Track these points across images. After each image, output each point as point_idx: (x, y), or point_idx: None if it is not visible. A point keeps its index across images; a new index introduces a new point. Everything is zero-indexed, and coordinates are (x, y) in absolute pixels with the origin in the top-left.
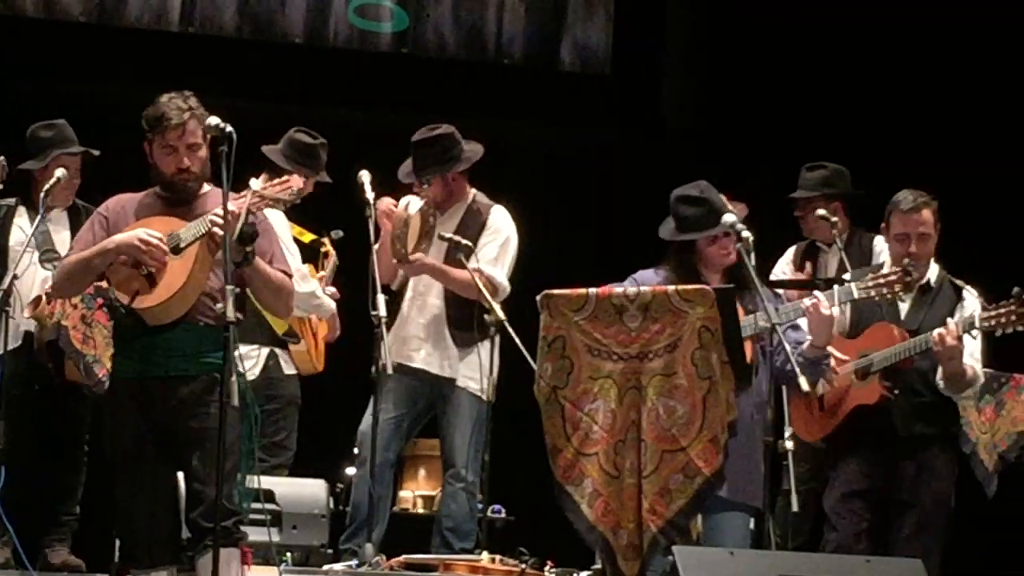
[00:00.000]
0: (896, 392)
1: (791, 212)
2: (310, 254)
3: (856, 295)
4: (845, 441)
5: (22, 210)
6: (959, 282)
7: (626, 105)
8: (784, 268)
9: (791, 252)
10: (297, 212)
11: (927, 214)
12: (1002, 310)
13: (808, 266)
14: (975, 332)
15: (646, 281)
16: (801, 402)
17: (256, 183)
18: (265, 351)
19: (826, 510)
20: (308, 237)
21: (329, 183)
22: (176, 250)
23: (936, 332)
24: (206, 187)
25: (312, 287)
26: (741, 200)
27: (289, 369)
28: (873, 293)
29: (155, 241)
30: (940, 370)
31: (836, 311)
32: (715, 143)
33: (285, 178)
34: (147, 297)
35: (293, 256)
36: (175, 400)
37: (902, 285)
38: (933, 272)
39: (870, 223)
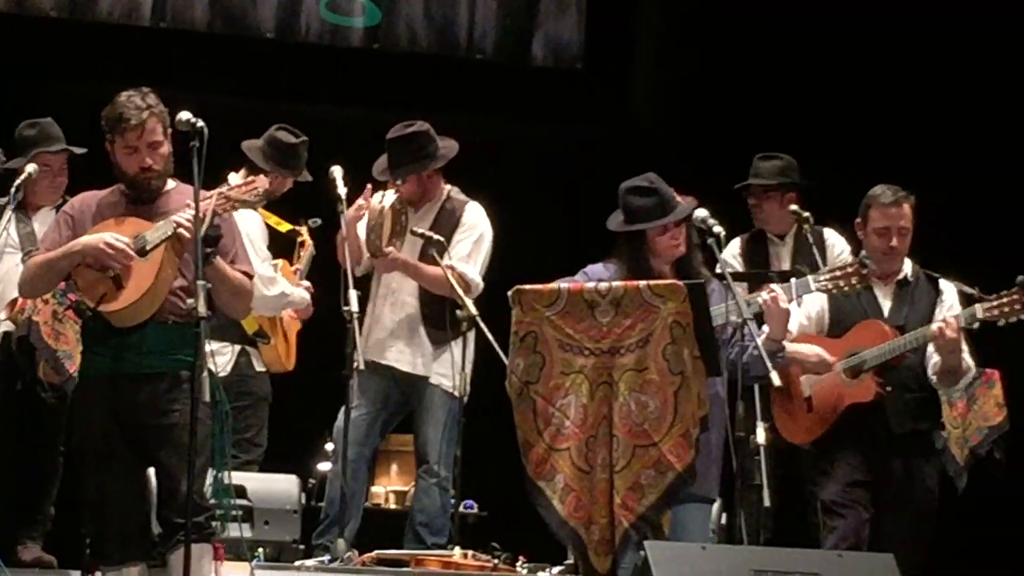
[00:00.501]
0: (888, 389)
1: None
2: (286, 244)
3: (813, 288)
4: (839, 438)
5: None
6: (934, 274)
7: (598, 100)
8: (730, 260)
9: (737, 243)
10: (270, 207)
11: (907, 209)
12: (1004, 300)
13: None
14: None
15: (596, 275)
16: (785, 403)
17: (236, 177)
18: (236, 348)
19: (826, 500)
20: (285, 227)
21: (310, 181)
22: (142, 252)
23: (936, 326)
24: (171, 183)
25: (280, 288)
26: (697, 195)
27: (260, 366)
28: (830, 287)
29: (121, 245)
30: (933, 364)
31: (794, 305)
32: (686, 138)
33: (251, 179)
34: (114, 301)
35: (262, 260)
36: (145, 397)
37: (859, 278)
38: (907, 266)
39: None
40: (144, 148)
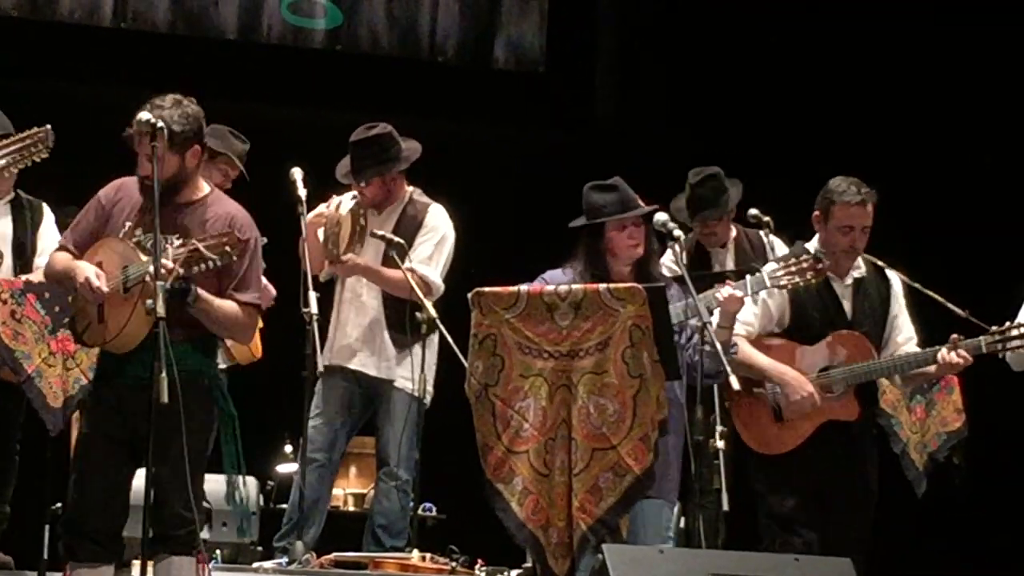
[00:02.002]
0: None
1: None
2: None
3: (768, 284)
4: (805, 450)
5: None
6: (879, 263)
7: (560, 103)
8: (671, 266)
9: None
10: None
11: (871, 208)
12: (1009, 334)
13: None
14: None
15: (556, 280)
16: (746, 409)
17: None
18: None
19: (782, 514)
20: None
21: (246, 179)
22: (127, 288)
23: (951, 359)
24: (205, 188)
25: None
26: (659, 197)
27: (222, 363)
28: (786, 282)
29: (95, 285)
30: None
31: (749, 301)
32: (648, 140)
33: (226, 232)
34: (95, 332)
35: None
36: (147, 404)
37: (814, 272)
38: (860, 261)
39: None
40: (142, 158)
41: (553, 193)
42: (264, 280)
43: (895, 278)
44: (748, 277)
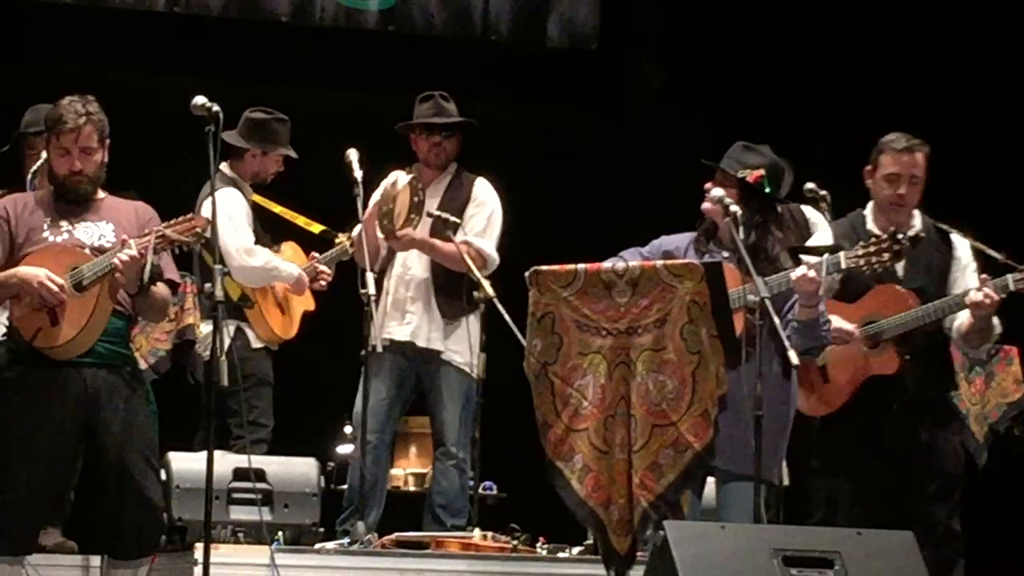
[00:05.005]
0: (907, 357)
1: None
2: (318, 244)
3: (844, 265)
4: (855, 415)
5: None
6: (943, 226)
7: (613, 81)
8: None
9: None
10: (281, 192)
11: (920, 157)
12: None
13: None
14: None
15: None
16: (801, 375)
17: (225, 166)
18: (232, 326)
19: (832, 498)
20: (317, 228)
21: (295, 158)
22: (79, 287)
23: (977, 296)
24: (101, 194)
25: (263, 259)
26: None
27: (256, 343)
28: (863, 263)
29: (55, 288)
30: (958, 326)
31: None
32: (697, 119)
33: (191, 216)
34: (50, 335)
35: (238, 232)
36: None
37: (891, 254)
38: (918, 221)
39: None
40: (76, 152)
41: (605, 172)
42: (296, 269)
43: (961, 243)
44: (825, 257)
